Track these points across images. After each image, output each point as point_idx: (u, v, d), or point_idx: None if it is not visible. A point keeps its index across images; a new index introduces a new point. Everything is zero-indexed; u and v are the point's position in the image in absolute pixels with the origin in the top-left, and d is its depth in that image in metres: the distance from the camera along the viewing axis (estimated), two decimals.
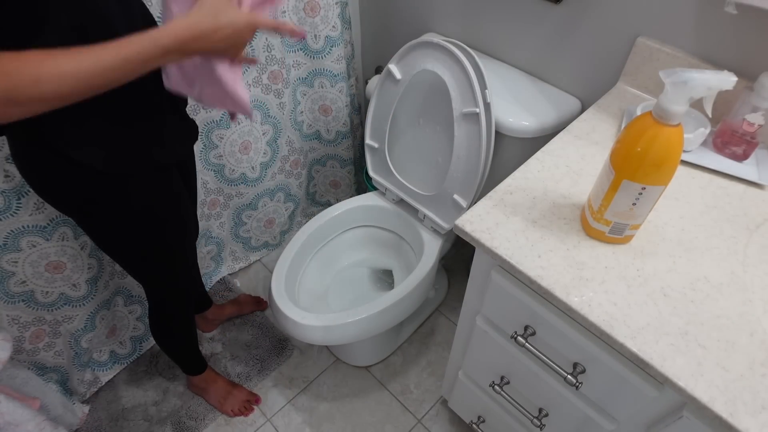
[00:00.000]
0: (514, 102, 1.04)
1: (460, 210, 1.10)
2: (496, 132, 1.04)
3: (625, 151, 0.59)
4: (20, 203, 0.97)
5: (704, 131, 0.79)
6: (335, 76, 1.36)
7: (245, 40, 0.61)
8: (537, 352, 0.73)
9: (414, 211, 1.25)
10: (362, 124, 1.66)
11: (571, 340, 0.68)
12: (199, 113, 1.20)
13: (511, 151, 1.08)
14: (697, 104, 0.65)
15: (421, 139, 1.18)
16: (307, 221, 1.28)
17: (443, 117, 1.09)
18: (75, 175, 0.72)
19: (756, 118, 0.75)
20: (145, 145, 0.75)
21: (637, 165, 0.58)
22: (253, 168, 1.42)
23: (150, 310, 1.10)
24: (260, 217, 1.57)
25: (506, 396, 0.90)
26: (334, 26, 1.26)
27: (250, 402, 1.35)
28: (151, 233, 0.86)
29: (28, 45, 0.50)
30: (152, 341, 1.46)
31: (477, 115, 0.97)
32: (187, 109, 0.87)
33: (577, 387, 0.70)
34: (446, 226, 1.17)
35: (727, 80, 0.53)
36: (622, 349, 0.58)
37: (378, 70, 1.44)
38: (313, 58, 1.33)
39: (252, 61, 0.70)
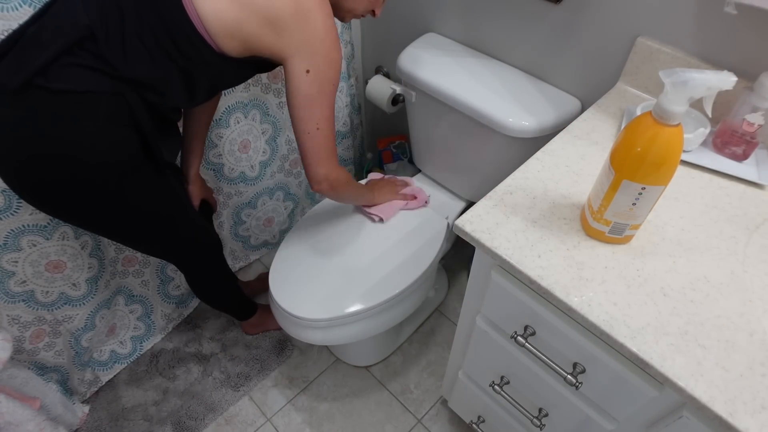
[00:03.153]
0: (514, 102, 1.04)
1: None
2: (497, 132, 1.04)
3: (625, 151, 0.59)
4: (20, 202, 0.97)
5: (704, 131, 0.79)
6: None
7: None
8: (537, 352, 0.73)
9: None
10: (362, 123, 1.66)
11: (571, 340, 0.68)
12: None
13: (511, 151, 1.08)
14: (697, 104, 0.66)
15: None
16: None
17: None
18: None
19: (756, 118, 0.75)
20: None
21: (637, 165, 0.58)
22: (252, 167, 1.42)
23: (187, 278, 1.17)
24: (259, 215, 1.57)
25: (506, 396, 0.90)
26: None
27: None
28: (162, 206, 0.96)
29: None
30: (152, 341, 1.47)
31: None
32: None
33: (577, 387, 0.70)
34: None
35: (727, 80, 0.53)
36: (621, 349, 0.58)
37: (378, 70, 1.44)
38: None
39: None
